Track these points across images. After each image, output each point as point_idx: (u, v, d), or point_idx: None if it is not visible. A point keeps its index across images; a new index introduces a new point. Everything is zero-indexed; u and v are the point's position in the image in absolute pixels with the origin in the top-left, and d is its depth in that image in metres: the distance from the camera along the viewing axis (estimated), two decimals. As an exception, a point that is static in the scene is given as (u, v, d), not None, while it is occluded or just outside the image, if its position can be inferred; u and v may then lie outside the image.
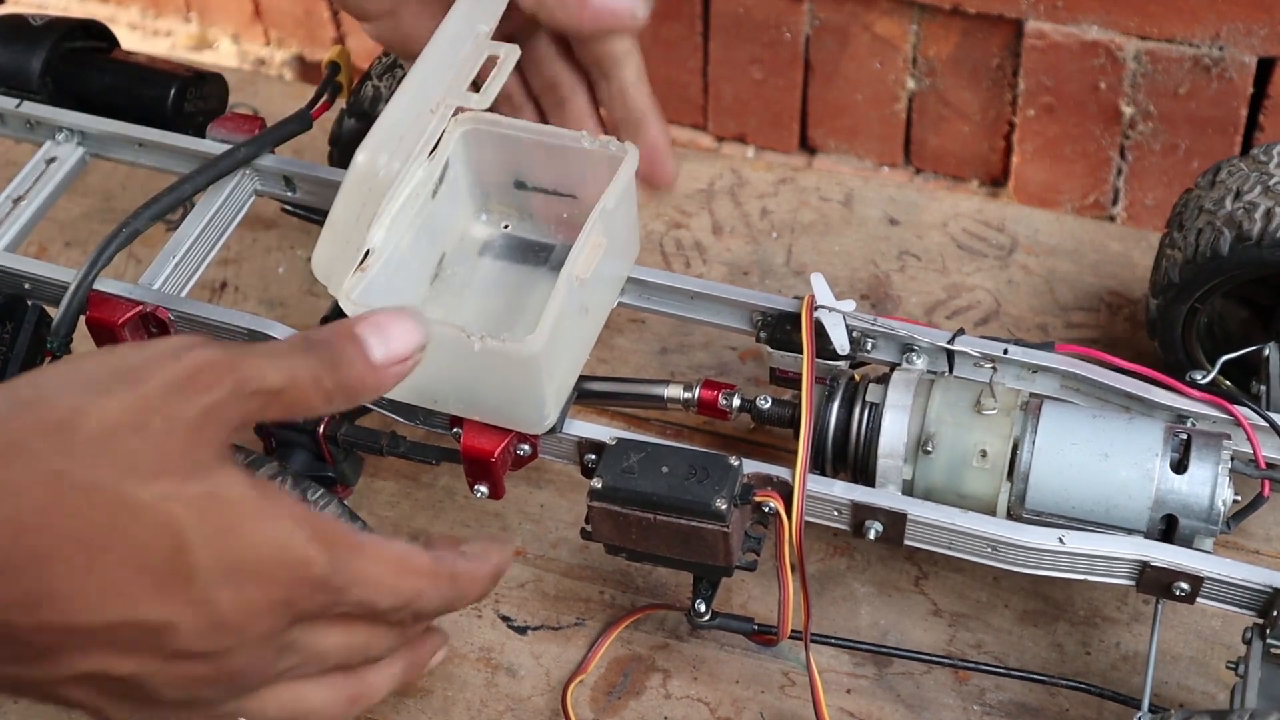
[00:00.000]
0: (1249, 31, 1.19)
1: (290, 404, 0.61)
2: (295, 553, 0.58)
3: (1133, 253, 1.11)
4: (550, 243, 0.88)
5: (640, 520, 0.76)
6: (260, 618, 0.58)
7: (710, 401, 0.85)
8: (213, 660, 0.58)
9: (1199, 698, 0.86)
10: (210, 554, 0.56)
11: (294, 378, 0.60)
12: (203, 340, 0.59)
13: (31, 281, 0.88)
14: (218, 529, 0.56)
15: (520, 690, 0.88)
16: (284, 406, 0.61)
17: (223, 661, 0.58)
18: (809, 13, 1.34)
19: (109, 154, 0.98)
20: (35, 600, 0.54)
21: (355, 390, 0.62)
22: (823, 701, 0.79)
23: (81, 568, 0.54)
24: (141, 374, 0.57)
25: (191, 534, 0.56)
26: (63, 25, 1.00)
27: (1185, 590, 0.75)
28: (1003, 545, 0.76)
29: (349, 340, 0.62)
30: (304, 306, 1.11)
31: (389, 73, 0.99)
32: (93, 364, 0.58)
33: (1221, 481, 0.76)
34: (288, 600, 0.59)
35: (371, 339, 0.62)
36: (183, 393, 0.57)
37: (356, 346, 0.62)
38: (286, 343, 0.62)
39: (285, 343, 0.62)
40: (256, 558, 0.57)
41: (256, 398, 0.59)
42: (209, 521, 0.56)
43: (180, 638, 0.56)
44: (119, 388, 0.56)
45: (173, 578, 0.55)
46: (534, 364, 0.74)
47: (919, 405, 0.79)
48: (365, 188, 0.76)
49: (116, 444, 0.55)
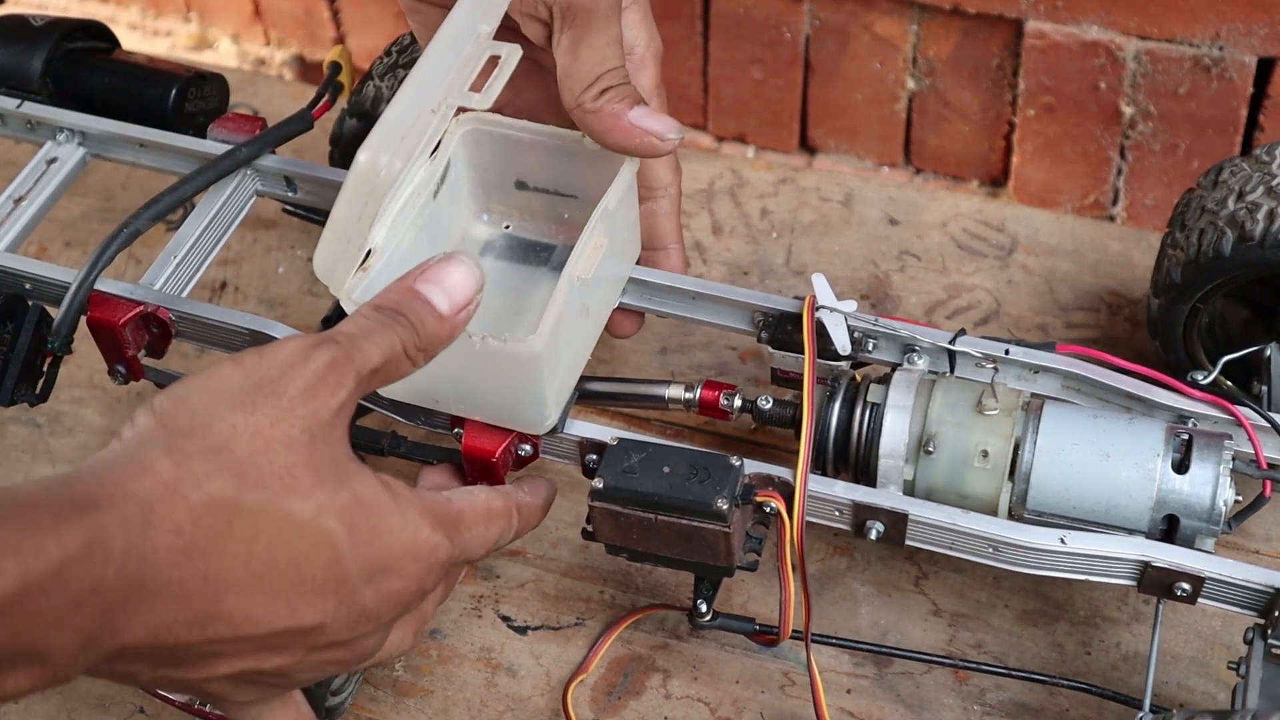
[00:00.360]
0: (1249, 31, 1.19)
1: (388, 376, 0.65)
2: (425, 544, 0.65)
3: (1133, 253, 1.11)
4: (551, 243, 0.88)
5: (641, 520, 0.76)
6: (397, 606, 0.65)
7: (711, 402, 0.85)
8: (350, 646, 0.65)
9: (1199, 698, 0.86)
10: (358, 558, 0.62)
11: (392, 350, 0.64)
12: (315, 338, 0.63)
13: (32, 282, 0.88)
14: (363, 534, 0.62)
15: (520, 690, 0.88)
16: (383, 379, 0.65)
17: (357, 645, 0.65)
18: (809, 13, 1.34)
19: (110, 154, 0.97)
20: (206, 619, 0.58)
21: (435, 346, 0.67)
22: (823, 701, 0.79)
23: (249, 585, 0.59)
24: (279, 385, 0.60)
25: (343, 543, 0.61)
26: (63, 26, 1.00)
27: (1186, 591, 0.75)
28: (1004, 545, 0.76)
29: (417, 299, 0.66)
30: (304, 306, 1.11)
31: (390, 73, 0.99)
32: (229, 378, 0.61)
33: (1223, 482, 0.76)
34: (420, 589, 0.66)
35: (435, 293, 0.66)
36: (318, 397, 0.61)
37: (425, 304, 0.66)
38: (367, 318, 0.65)
39: (365, 318, 0.65)
40: (395, 555, 0.63)
41: (366, 380, 0.63)
42: (357, 528, 0.62)
43: (328, 633, 0.62)
44: (262, 402, 0.60)
45: (329, 584, 0.61)
46: (535, 364, 0.74)
47: (920, 405, 0.79)
48: (366, 188, 0.76)
49: (273, 460, 0.59)
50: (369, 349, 0.63)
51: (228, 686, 0.63)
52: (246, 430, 0.59)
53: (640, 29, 0.84)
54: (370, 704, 0.88)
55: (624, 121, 0.78)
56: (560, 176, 0.85)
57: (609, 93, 0.78)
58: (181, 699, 0.84)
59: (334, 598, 0.61)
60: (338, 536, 0.60)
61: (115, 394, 1.05)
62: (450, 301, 0.66)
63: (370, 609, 0.63)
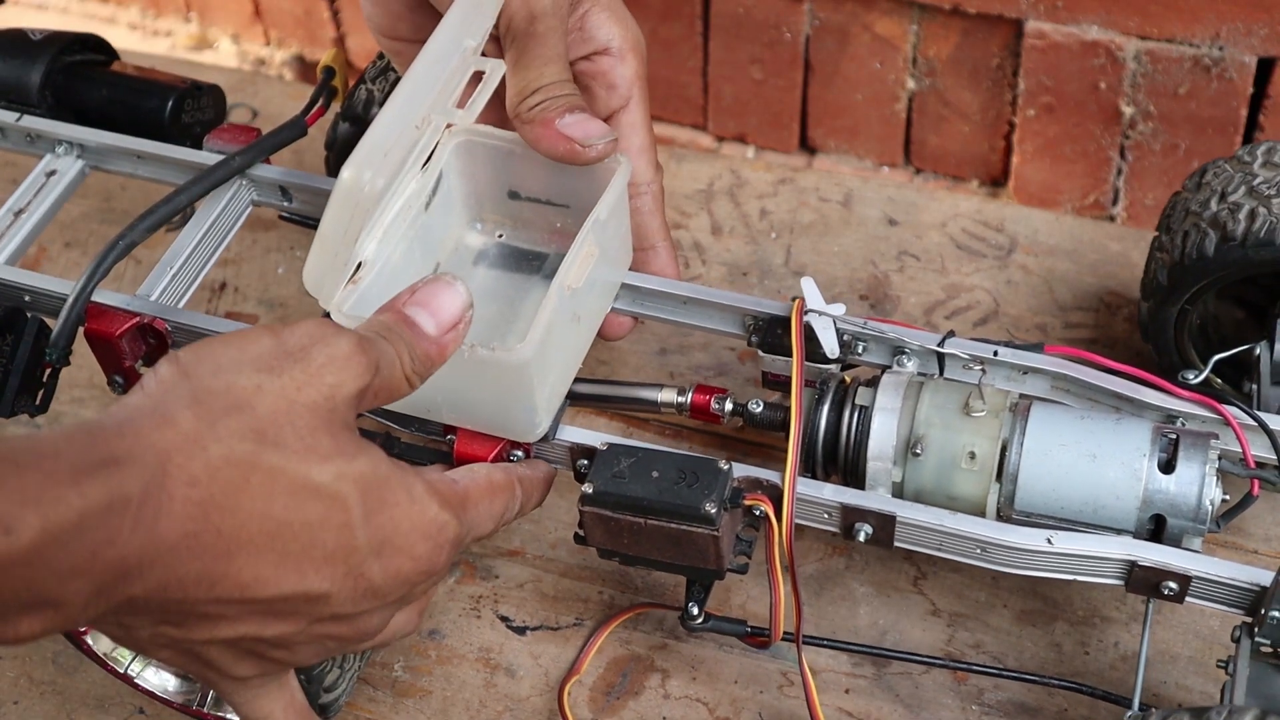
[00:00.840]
0: (1249, 31, 1.18)
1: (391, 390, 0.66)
2: (433, 522, 0.66)
3: (1132, 253, 1.11)
4: (544, 252, 0.89)
5: (631, 525, 0.76)
6: (402, 585, 0.65)
7: (703, 406, 0.85)
8: (353, 621, 0.65)
9: (1197, 697, 0.86)
10: (368, 529, 0.62)
11: (396, 362, 0.65)
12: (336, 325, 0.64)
13: (31, 294, 0.89)
14: (374, 505, 0.63)
15: (519, 690, 0.89)
16: (388, 393, 0.66)
17: (361, 621, 0.65)
18: (809, 13, 1.34)
19: (108, 166, 0.98)
20: (214, 577, 0.58)
21: (427, 368, 0.68)
22: (817, 703, 0.80)
23: (264, 546, 0.59)
24: (307, 353, 0.62)
25: (355, 510, 0.62)
26: (62, 39, 1.01)
27: (1174, 589, 0.75)
28: (991, 546, 0.76)
29: (405, 324, 0.67)
30: (304, 307, 1.12)
31: (383, 75, 1.00)
32: (258, 344, 0.62)
33: (1209, 481, 0.76)
34: (429, 569, 0.66)
35: (422, 315, 0.67)
36: (344, 371, 0.62)
37: (414, 327, 0.67)
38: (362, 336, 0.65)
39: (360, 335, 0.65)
40: (404, 530, 0.64)
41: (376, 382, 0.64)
42: (369, 498, 0.62)
43: (332, 604, 0.63)
44: (289, 367, 0.61)
45: (338, 552, 0.62)
46: (524, 372, 0.74)
47: (908, 408, 0.79)
48: (351, 203, 0.77)
49: (294, 423, 0.60)
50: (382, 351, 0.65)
51: (226, 655, 0.64)
52: (271, 391, 0.60)
53: (612, 25, 0.85)
54: (369, 704, 0.89)
55: (553, 128, 0.79)
56: (553, 186, 0.86)
57: (544, 104, 0.79)
58: (180, 699, 0.85)
59: (342, 566, 0.62)
60: (351, 503, 0.61)
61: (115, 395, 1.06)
62: (438, 323, 0.67)
63: (376, 583, 0.64)
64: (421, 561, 0.65)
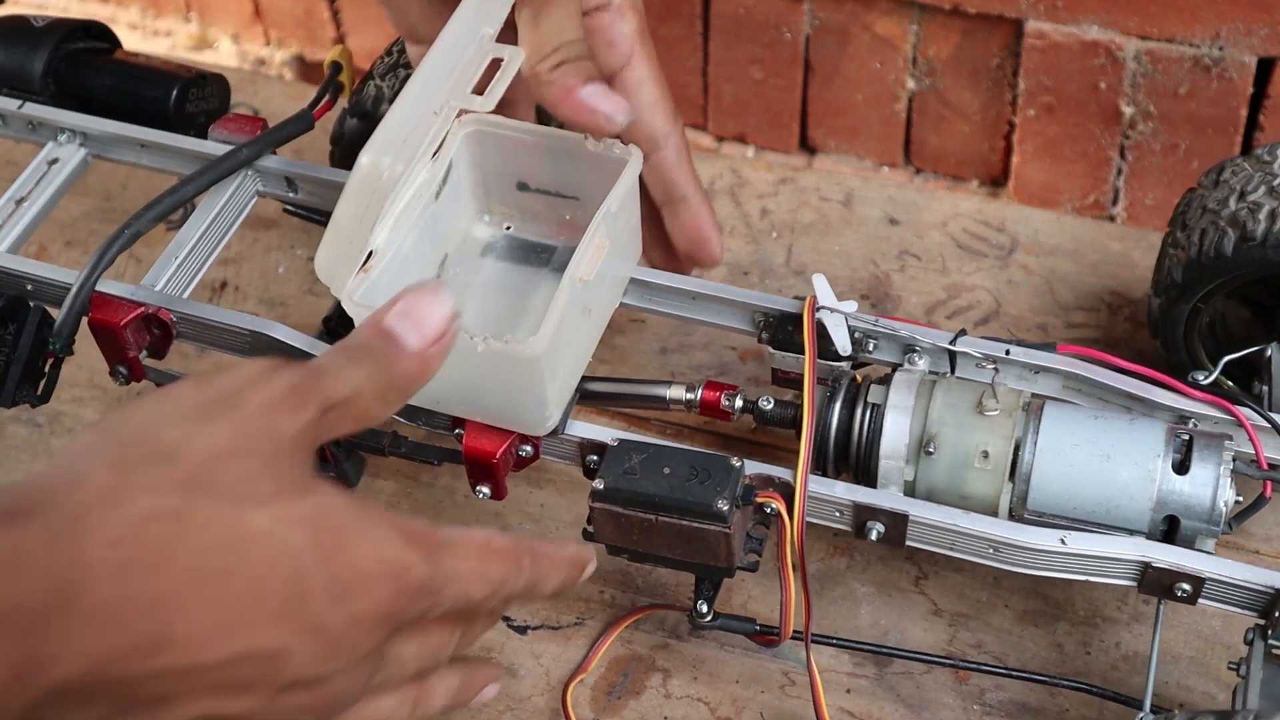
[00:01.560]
0: (1249, 31, 1.19)
1: (357, 416, 0.61)
2: (395, 561, 0.58)
3: (1133, 253, 1.11)
4: (553, 244, 0.88)
5: (642, 521, 0.76)
6: (367, 634, 0.58)
7: (713, 402, 0.85)
8: (318, 687, 0.58)
9: (1199, 698, 0.86)
10: (322, 574, 0.56)
11: (358, 389, 0.61)
12: (281, 361, 0.60)
13: (34, 283, 0.88)
14: (327, 548, 0.56)
15: (520, 690, 0.88)
16: (354, 419, 0.61)
17: (327, 688, 0.58)
18: (809, 13, 1.33)
19: (111, 155, 0.97)
20: (153, 645, 0.52)
21: (407, 385, 0.63)
22: (823, 702, 0.80)
23: (201, 604, 0.53)
24: (239, 399, 0.57)
25: (305, 555, 0.56)
26: (64, 26, 1.00)
27: (1187, 591, 0.75)
28: (1004, 546, 0.76)
29: (384, 338, 0.63)
30: (304, 306, 1.11)
31: (391, 72, 0.99)
32: (188, 395, 0.58)
33: (1223, 482, 0.76)
34: (392, 612, 0.59)
35: (402, 328, 0.63)
36: (279, 413, 0.57)
37: (395, 342, 0.62)
38: (334, 356, 0.62)
39: (333, 357, 0.62)
40: (362, 572, 0.57)
41: (332, 413, 0.60)
42: (320, 541, 0.56)
43: (292, 665, 0.56)
44: (220, 414, 0.57)
45: (290, 602, 0.55)
46: (536, 365, 0.74)
47: (921, 406, 0.79)
48: (369, 190, 0.76)
49: (228, 470, 0.55)
50: (333, 382, 0.60)
51: None
52: (199, 438, 0.55)
53: None
54: (371, 704, 0.88)
55: (575, 96, 0.78)
56: (562, 178, 0.85)
57: (565, 66, 0.78)
58: None
59: (296, 619, 0.55)
60: (298, 549, 0.55)
61: (115, 394, 1.05)
62: (421, 335, 0.63)
63: (338, 635, 0.57)
64: (382, 604, 0.58)
